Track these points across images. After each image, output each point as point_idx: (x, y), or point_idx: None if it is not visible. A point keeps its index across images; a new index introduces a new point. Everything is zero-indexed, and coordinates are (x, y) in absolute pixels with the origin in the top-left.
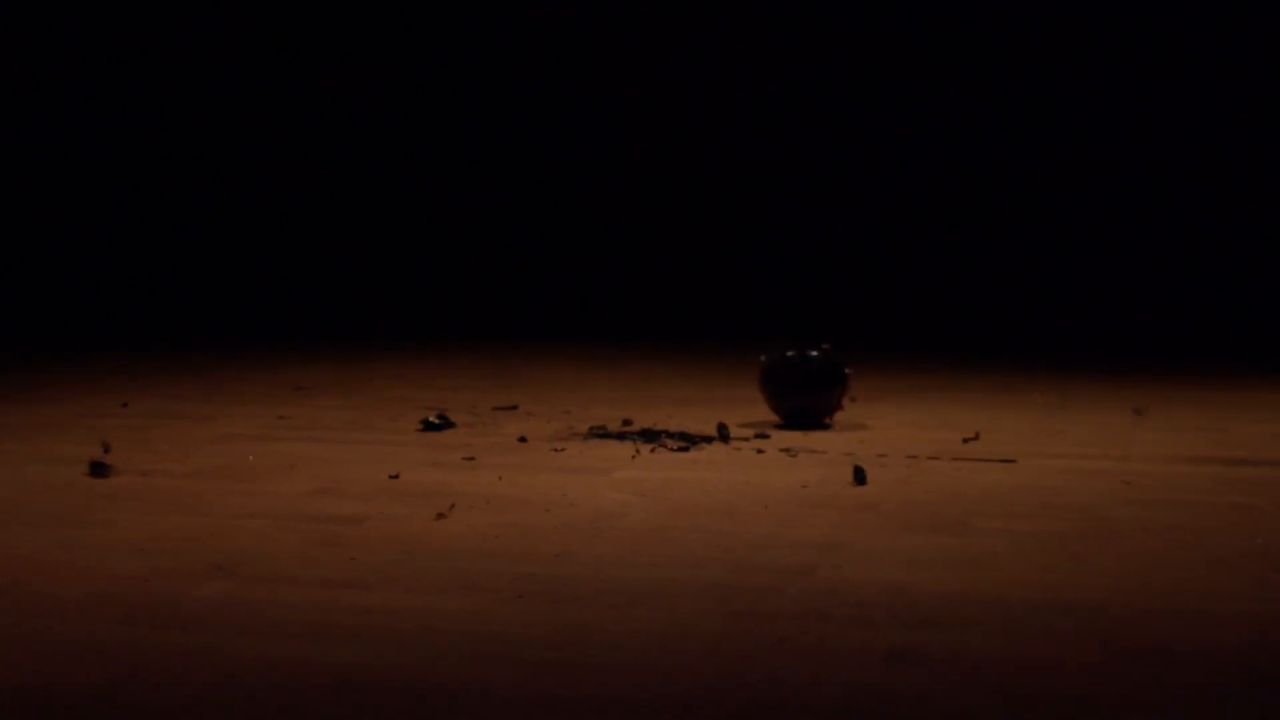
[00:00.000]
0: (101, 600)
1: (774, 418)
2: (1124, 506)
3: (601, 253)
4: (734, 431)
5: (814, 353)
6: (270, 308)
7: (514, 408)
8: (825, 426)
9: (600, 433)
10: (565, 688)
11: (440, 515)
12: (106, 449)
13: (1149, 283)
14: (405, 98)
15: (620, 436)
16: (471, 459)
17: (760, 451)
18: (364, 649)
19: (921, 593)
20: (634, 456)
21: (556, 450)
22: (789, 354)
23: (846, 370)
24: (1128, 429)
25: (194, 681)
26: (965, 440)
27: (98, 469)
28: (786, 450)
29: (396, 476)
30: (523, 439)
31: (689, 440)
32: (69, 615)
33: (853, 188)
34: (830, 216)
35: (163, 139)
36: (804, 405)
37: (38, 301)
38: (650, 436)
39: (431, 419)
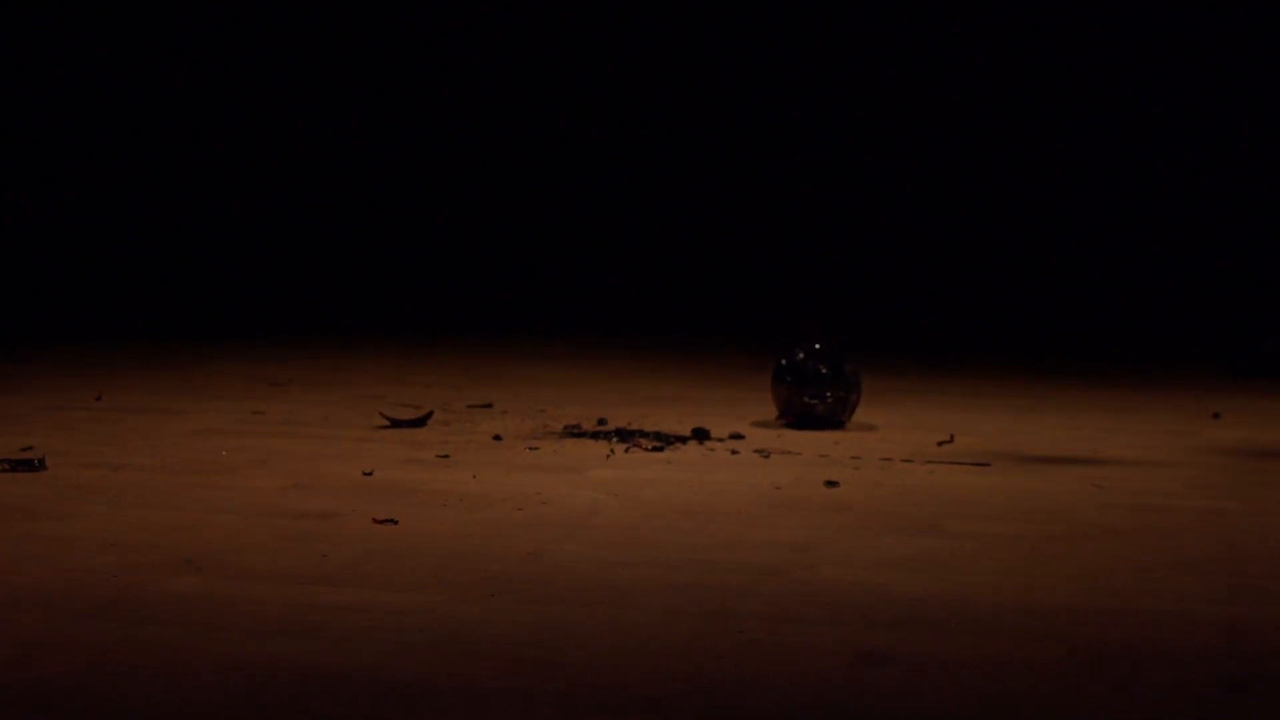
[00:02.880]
0: (68, 594)
1: (748, 418)
2: (1095, 509)
3: (579, 251)
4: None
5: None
6: (246, 302)
7: (489, 406)
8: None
9: (575, 432)
10: (536, 686)
11: (385, 521)
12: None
13: (1123, 286)
14: (388, 96)
15: (595, 436)
16: (446, 456)
17: (734, 452)
18: (334, 646)
19: (893, 594)
20: (608, 456)
21: (531, 449)
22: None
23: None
24: (1099, 432)
25: (161, 677)
26: (939, 443)
27: (24, 465)
28: (760, 451)
29: (370, 474)
30: (497, 437)
31: (663, 440)
32: (34, 609)
33: (830, 192)
34: (810, 219)
35: (141, 133)
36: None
37: (11, 292)
38: (625, 436)
39: (398, 416)
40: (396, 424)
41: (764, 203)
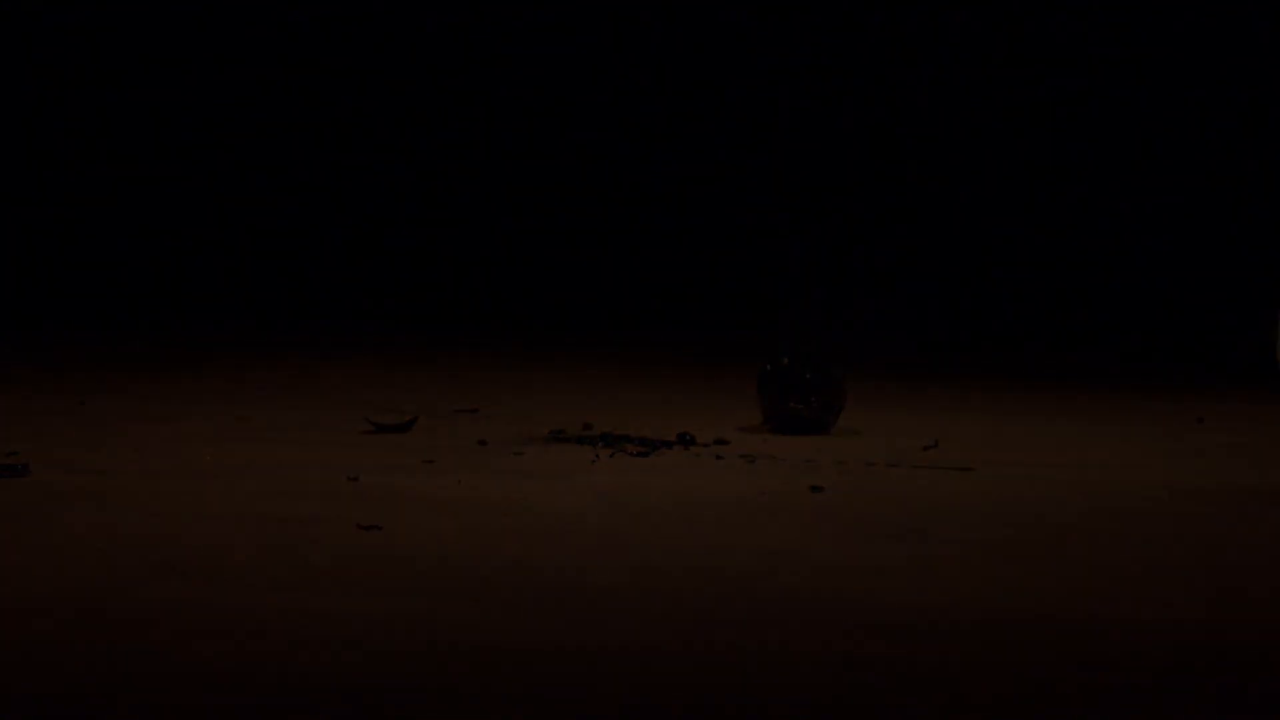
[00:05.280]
0: (50, 600)
1: (733, 423)
2: (1079, 515)
3: (565, 254)
4: (695, 436)
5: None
6: (231, 305)
7: (474, 410)
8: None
9: (560, 437)
10: (520, 691)
11: (369, 527)
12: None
13: (1107, 290)
14: (378, 98)
15: (580, 441)
16: (430, 462)
17: (720, 458)
18: (317, 652)
19: (878, 600)
20: (594, 461)
21: (516, 454)
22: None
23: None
24: (1083, 437)
25: (140, 684)
26: (924, 448)
27: (8, 470)
28: (745, 456)
29: (355, 479)
30: (482, 442)
31: (648, 445)
32: (19, 616)
33: (816, 194)
34: (791, 221)
35: (134, 132)
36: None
37: None
38: (610, 441)
39: (383, 421)
40: (381, 429)
41: (751, 206)
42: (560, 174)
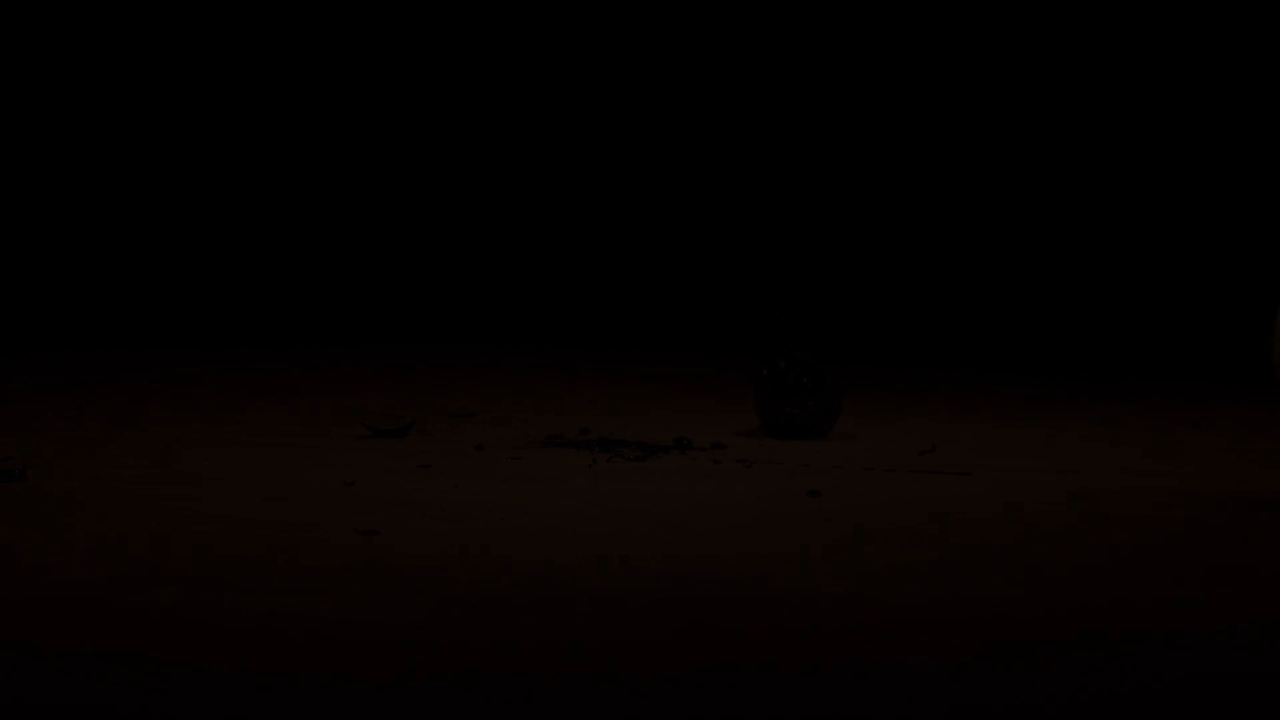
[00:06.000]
0: (48, 605)
1: (730, 428)
2: (1076, 520)
3: (565, 258)
4: (692, 440)
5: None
6: (231, 306)
7: (471, 415)
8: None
9: (557, 441)
10: (515, 700)
11: (367, 531)
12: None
13: (1103, 295)
14: (374, 99)
15: (577, 445)
16: (428, 466)
17: (716, 462)
18: (315, 657)
19: (876, 605)
20: (590, 465)
21: (513, 459)
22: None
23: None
24: (1080, 441)
25: (136, 691)
26: (921, 453)
27: (5, 476)
28: (742, 461)
29: (352, 483)
30: (479, 447)
31: (645, 449)
32: (14, 620)
33: (814, 198)
34: (788, 224)
35: (132, 131)
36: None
37: None
38: (607, 445)
39: (380, 425)
40: (379, 433)
41: (751, 210)
42: (560, 174)
